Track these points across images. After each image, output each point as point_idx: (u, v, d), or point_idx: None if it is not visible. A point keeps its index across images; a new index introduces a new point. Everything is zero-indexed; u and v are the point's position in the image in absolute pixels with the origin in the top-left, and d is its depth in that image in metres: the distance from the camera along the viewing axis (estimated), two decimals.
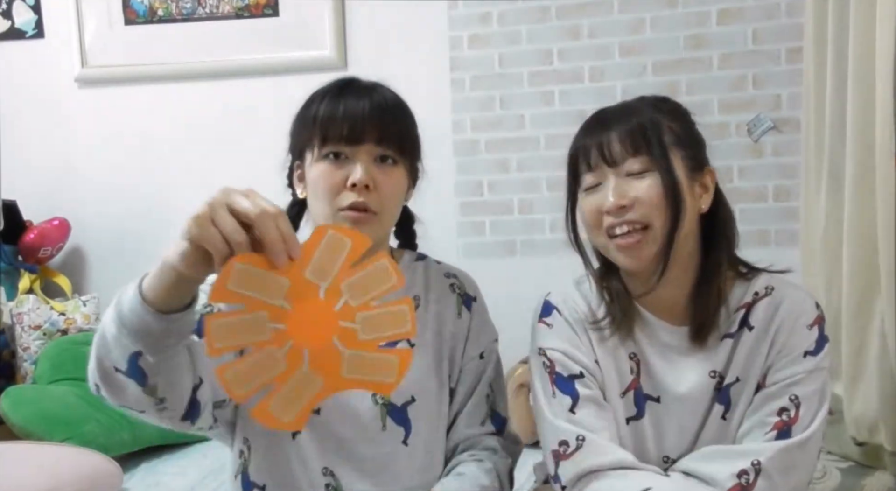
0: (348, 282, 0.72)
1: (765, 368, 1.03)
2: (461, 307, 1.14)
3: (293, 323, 0.71)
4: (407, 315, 0.73)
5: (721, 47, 2.39)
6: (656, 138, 1.01)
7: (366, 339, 0.72)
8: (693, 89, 2.39)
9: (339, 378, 0.72)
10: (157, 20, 2.71)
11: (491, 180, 2.57)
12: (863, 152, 1.80)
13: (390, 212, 1.04)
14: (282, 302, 0.70)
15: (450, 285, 1.15)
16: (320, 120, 1.01)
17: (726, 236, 1.07)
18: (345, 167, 0.99)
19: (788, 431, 0.98)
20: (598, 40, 2.46)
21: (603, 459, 1.01)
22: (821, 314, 1.04)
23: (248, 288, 0.69)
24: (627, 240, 1.01)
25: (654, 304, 1.07)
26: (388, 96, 1.04)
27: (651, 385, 1.07)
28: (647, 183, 1.00)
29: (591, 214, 1.05)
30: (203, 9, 2.68)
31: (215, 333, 0.69)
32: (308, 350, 0.71)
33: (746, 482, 0.96)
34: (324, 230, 0.72)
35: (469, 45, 2.55)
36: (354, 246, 0.72)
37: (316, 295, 0.71)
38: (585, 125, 1.09)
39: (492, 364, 1.15)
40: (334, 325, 0.71)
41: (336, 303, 0.72)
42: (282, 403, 0.71)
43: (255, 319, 0.70)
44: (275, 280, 0.70)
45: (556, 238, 2.51)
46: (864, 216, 1.80)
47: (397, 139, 1.02)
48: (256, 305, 0.70)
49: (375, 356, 0.73)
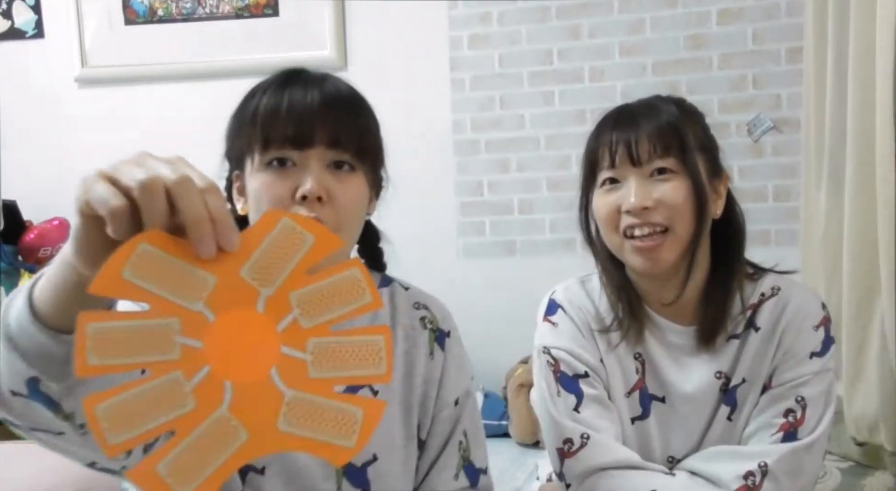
0: (301, 292, 0.51)
1: (771, 369, 1.02)
2: (433, 346, 0.96)
3: (214, 341, 0.48)
4: (381, 350, 0.51)
5: (721, 47, 2.39)
6: (685, 140, 0.99)
7: (318, 377, 0.50)
8: (693, 89, 2.39)
9: (273, 432, 0.49)
10: (157, 20, 2.71)
11: (491, 180, 2.57)
12: (863, 152, 1.80)
13: (349, 229, 0.85)
14: (201, 308, 0.49)
15: (420, 319, 0.96)
16: (260, 118, 0.83)
17: (738, 241, 1.06)
18: (292, 176, 0.81)
19: (794, 432, 0.98)
20: (598, 40, 2.46)
21: (608, 458, 1.00)
22: (827, 315, 1.04)
23: (153, 281, 0.48)
24: (646, 242, 0.98)
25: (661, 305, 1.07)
26: (342, 88, 0.86)
27: (656, 385, 1.07)
28: (671, 185, 0.98)
29: (609, 213, 1.01)
30: (203, 9, 2.68)
31: (92, 340, 0.46)
32: (231, 383, 0.48)
33: (752, 484, 0.96)
34: (275, 216, 0.51)
35: (469, 45, 2.55)
36: (317, 245, 0.51)
37: (252, 305, 0.50)
38: (609, 120, 1.04)
39: (467, 410, 0.97)
40: (274, 351, 0.49)
41: (280, 320, 0.50)
42: (180, 464, 0.47)
43: (159, 329, 0.48)
44: (195, 276, 0.49)
45: (556, 238, 2.51)
46: (864, 216, 1.80)
47: (355, 140, 0.83)
48: (163, 307, 0.48)
49: (330, 405, 0.50)
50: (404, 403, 0.92)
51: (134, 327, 0.47)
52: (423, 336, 0.95)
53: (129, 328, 0.47)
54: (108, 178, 0.50)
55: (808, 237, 2.14)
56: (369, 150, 0.86)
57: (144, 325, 0.48)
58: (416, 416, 0.93)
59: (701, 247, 1.01)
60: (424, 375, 0.94)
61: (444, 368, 0.95)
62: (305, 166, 0.81)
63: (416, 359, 0.94)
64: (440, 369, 0.95)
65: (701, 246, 1.01)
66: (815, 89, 2.06)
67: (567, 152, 2.48)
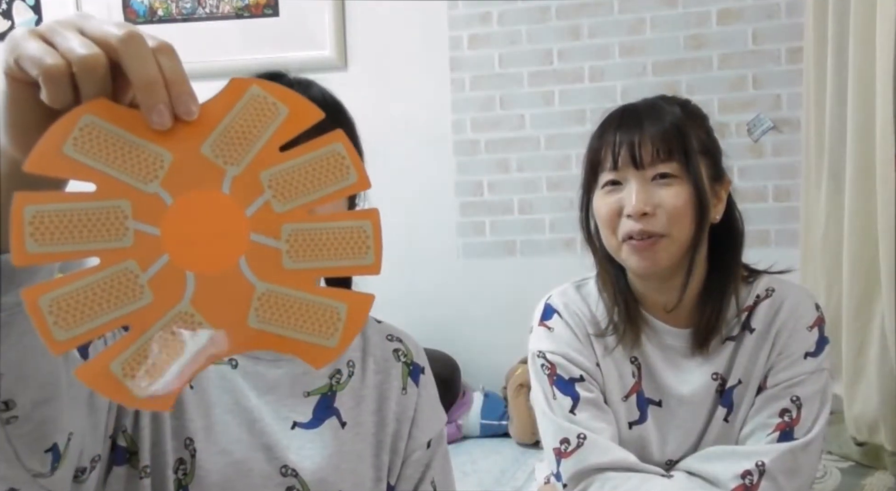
0: (274, 171, 0.44)
1: (766, 369, 1.03)
2: (407, 380, 0.88)
3: (172, 227, 0.42)
4: (369, 238, 0.44)
5: (721, 47, 2.39)
6: (688, 144, 0.98)
7: (295, 268, 0.44)
8: (693, 89, 2.39)
9: (244, 329, 0.43)
10: (157, 20, 2.71)
11: (491, 180, 2.57)
12: (863, 152, 1.80)
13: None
14: (156, 188, 0.42)
15: (394, 351, 0.89)
16: None
17: (736, 245, 1.05)
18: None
19: (790, 432, 0.98)
20: (598, 40, 2.46)
21: (604, 458, 1.01)
22: (821, 316, 1.04)
23: (99, 158, 0.41)
24: (643, 242, 0.98)
25: (657, 307, 1.07)
26: (327, 96, 0.80)
27: (652, 388, 1.07)
28: (673, 191, 0.97)
29: (609, 214, 1.01)
30: (203, 9, 2.68)
31: (31, 225, 0.39)
32: (194, 275, 0.42)
33: (750, 483, 0.96)
34: (243, 84, 0.44)
35: (469, 45, 2.55)
36: (292, 117, 0.44)
37: (217, 186, 0.43)
38: (613, 120, 1.03)
39: (438, 456, 0.89)
40: (242, 239, 0.43)
41: (249, 203, 0.43)
42: (137, 362, 0.41)
43: (107, 212, 0.41)
44: (148, 151, 0.42)
45: (556, 238, 2.51)
46: (864, 216, 1.80)
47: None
48: (111, 187, 0.41)
49: (308, 299, 0.44)
50: (376, 441, 0.84)
51: (78, 210, 0.40)
52: (396, 368, 0.88)
53: (73, 211, 0.40)
54: (40, 36, 0.41)
55: (808, 237, 2.14)
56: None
57: (90, 207, 0.41)
58: (388, 456, 0.85)
59: (699, 251, 1.01)
60: (397, 412, 0.86)
61: (417, 405, 0.87)
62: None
63: (389, 393, 0.86)
64: (413, 406, 0.87)
65: (699, 250, 1.00)
66: (815, 89, 2.06)
67: (567, 152, 2.48)
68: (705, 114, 1.08)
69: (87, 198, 0.41)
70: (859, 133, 1.81)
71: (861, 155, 1.81)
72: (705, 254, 1.04)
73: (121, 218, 0.41)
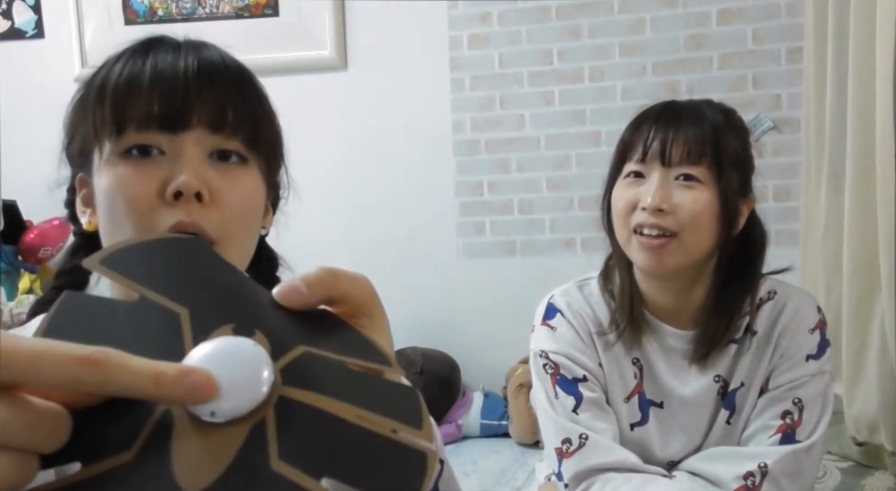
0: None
1: (768, 372, 1.03)
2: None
3: None
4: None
5: (721, 47, 2.39)
6: (722, 152, 0.97)
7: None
8: (693, 89, 2.38)
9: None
10: (157, 20, 2.71)
11: (491, 180, 2.57)
12: (863, 152, 1.80)
13: (237, 240, 0.61)
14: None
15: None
16: (111, 93, 0.60)
17: (756, 261, 1.05)
18: (159, 168, 0.58)
19: (792, 434, 0.99)
20: (598, 40, 2.46)
21: (605, 458, 1.01)
22: (822, 318, 1.05)
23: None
24: (652, 241, 0.98)
25: (660, 307, 1.07)
26: (227, 58, 0.64)
27: (654, 390, 1.07)
28: (694, 194, 0.97)
29: (625, 207, 1.00)
30: (203, 9, 2.68)
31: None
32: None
33: (752, 484, 0.96)
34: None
35: (469, 45, 2.55)
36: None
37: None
38: (652, 114, 1.02)
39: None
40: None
41: None
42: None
43: None
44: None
45: (555, 238, 2.51)
46: (864, 216, 1.81)
47: (247, 123, 0.61)
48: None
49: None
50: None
51: None
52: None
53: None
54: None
55: (808, 237, 2.14)
56: (266, 138, 0.64)
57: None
58: None
59: (709, 262, 1.01)
60: None
61: None
62: (178, 155, 0.58)
63: None
64: None
65: (709, 261, 1.00)
66: (815, 89, 2.06)
67: (567, 152, 2.48)
68: (748, 128, 1.07)
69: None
70: (859, 133, 1.81)
71: (861, 155, 1.81)
72: (715, 265, 1.04)
73: None
